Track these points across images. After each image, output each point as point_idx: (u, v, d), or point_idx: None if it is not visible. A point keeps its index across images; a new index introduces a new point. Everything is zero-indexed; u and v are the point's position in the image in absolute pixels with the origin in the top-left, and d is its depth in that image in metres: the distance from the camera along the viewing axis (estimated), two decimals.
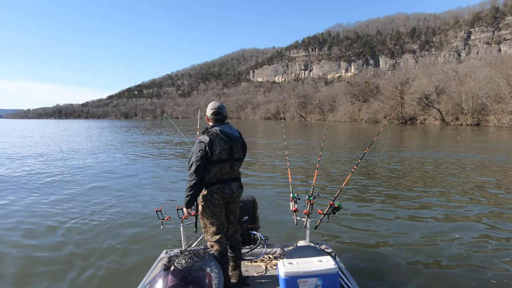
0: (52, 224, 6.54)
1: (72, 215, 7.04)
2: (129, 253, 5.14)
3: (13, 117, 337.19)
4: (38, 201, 8.27)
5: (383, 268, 4.58)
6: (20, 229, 6.35)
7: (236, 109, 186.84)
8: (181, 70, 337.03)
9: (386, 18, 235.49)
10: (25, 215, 7.15)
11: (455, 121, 63.29)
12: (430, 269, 4.59)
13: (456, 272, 4.51)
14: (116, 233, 5.98)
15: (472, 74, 67.11)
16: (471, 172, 12.40)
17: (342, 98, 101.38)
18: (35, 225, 6.50)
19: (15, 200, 8.38)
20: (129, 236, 5.82)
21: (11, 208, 7.71)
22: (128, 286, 4.05)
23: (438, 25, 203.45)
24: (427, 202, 8.04)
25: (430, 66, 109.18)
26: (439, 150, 20.10)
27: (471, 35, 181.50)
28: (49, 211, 7.43)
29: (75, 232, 6.08)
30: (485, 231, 6.06)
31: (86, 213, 7.21)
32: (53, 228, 6.36)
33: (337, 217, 5.76)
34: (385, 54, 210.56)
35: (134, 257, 4.98)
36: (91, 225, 6.44)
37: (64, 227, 6.32)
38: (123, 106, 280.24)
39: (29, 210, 7.55)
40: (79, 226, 6.37)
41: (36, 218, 6.96)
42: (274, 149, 20.11)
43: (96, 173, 12.22)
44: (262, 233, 4.12)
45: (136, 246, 5.38)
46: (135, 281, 3.68)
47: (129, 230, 6.14)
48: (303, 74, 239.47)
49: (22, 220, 6.88)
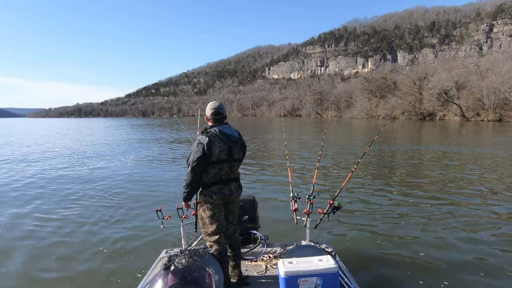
0: (51, 223, 6.56)
1: (71, 215, 7.04)
2: (129, 252, 5.14)
3: (35, 116, 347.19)
4: (35, 200, 8.31)
5: (383, 268, 4.56)
6: (15, 225, 6.44)
7: (252, 106, 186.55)
8: (197, 68, 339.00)
9: (405, 12, 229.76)
10: (22, 214, 7.20)
11: (476, 117, 61.54)
12: (430, 269, 4.54)
13: (457, 272, 4.45)
14: (116, 232, 5.98)
15: (494, 68, 64.89)
16: (475, 169, 12.23)
17: (358, 94, 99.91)
18: (32, 224, 6.50)
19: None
20: (129, 236, 5.81)
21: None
22: (128, 285, 4.06)
23: (458, 18, 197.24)
24: (428, 201, 7.91)
25: (450, 60, 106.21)
26: (445, 145, 19.72)
27: (493, 27, 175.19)
28: (48, 210, 7.46)
29: (75, 232, 6.05)
30: (492, 230, 5.96)
31: (86, 212, 7.20)
32: (53, 226, 6.36)
33: (337, 217, 5.74)
34: (403, 49, 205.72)
35: (134, 256, 4.99)
36: (91, 224, 6.42)
37: (64, 227, 6.32)
38: (141, 104, 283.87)
39: (26, 208, 7.60)
40: (79, 226, 6.34)
41: (34, 216, 7.02)
42: (274, 149, 19.98)
43: (96, 172, 12.20)
44: (262, 233, 4.13)
45: (136, 246, 5.37)
46: (135, 280, 3.69)
47: (129, 229, 6.13)
48: (319, 70, 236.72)
49: (19, 216, 6.99)
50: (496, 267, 4.58)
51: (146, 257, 4.71)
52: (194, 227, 4.04)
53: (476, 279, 4.27)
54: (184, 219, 3.90)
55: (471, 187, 9.45)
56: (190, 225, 4.06)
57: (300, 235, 4.81)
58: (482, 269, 4.51)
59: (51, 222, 6.69)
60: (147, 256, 4.76)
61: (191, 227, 4.09)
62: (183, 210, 3.92)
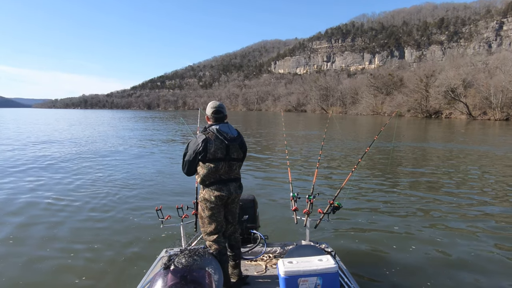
0: (51, 221, 6.51)
1: (71, 214, 6.96)
2: (129, 252, 5.12)
3: (42, 106, 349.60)
4: (33, 198, 8.25)
5: (383, 268, 4.55)
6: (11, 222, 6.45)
7: (257, 100, 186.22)
8: (203, 61, 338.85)
9: (413, 8, 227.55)
10: (17, 212, 7.16)
11: (482, 116, 60.89)
12: (430, 269, 4.53)
13: (458, 272, 4.44)
14: (115, 232, 5.95)
15: (503, 66, 64.04)
16: (476, 169, 12.20)
17: (364, 90, 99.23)
18: (27, 223, 6.45)
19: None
20: (129, 235, 5.78)
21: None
22: (128, 285, 4.07)
23: (468, 15, 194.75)
24: (429, 201, 7.89)
25: (458, 58, 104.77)
26: (448, 143, 19.61)
27: (503, 25, 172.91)
28: (47, 208, 7.40)
29: (74, 232, 5.99)
30: (491, 230, 5.95)
31: (85, 212, 7.13)
32: (52, 224, 6.32)
33: (337, 217, 5.73)
34: (411, 45, 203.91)
35: (134, 256, 4.97)
36: (90, 224, 6.38)
37: (63, 227, 6.25)
38: (146, 97, 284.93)
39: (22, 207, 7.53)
40: (78, 226, 6.29)
41: (31, 213, 6.99)
42: (275, 147, 19.90)
43: (95, 169, 12.10)
44: (262, 232, 4.13)
45: (136, 245, 5.35)
46: (135, 280, 3.67)
47: (128, 229, 6.10)
48: (325, 66, 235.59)
49: (14, 213, 6.98)
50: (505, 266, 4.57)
51: (146, 257, 4.69)
52: (194, 227, 4.04)
53: (478, 279, 4.26)
54: (184, 218, 3.90)
55: (471, 187, 9.41)
56: (190, 225, 4.05)
57: (300, 235, 4.81)
58: (484, 269, 4.50)
59: (48, 220, 6.63)
60: (147, 256, 4.74)
61: (191, 227, 4.08)
62: (183, 210, 3.93)
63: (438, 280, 4.26)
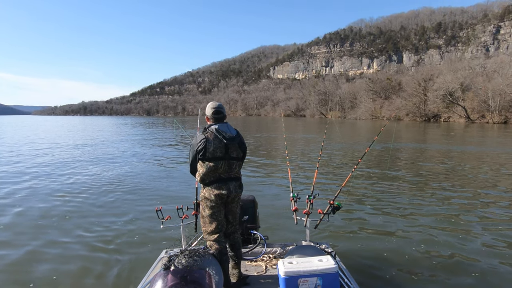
0: (51, 221, 6.55)
1: (70, 214, 6.99)
2: (129, 252, 5.12)
3: (41, 113, 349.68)
4: (31, 198, 8.30)
5: (383, 268, 4.54)
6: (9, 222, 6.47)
7: (256, 106, 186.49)
8: (202, 67, 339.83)
9: (411, 12, 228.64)
10: (17, 212, 7.21)
11: (481, 119, 61.10)
12: (430, 269, 4.52)
13: (459, 272, 4.44)
14: (116, 233, 5.95)
15: (501, 70, 64.45)
16: (476, 169, 12.23)
17: (363, 95, 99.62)
18: (26, 223, 6.48)
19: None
20: (129, 236, 5.79)
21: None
22: (128, 285, 4.07)
23: (465, 19, 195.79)
24: (430, 201, 7.89)
25: (456, 62, 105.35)
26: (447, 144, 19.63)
27: (500, 29, 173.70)
28: (47, 208, 7.43)
29: (74, 232, 6.00)
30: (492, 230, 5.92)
31: (84, 213, 7.14)
32: (52, 225, 6.35)
33: (337, 217, 5.73)
34: (409, 50, 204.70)
35: (134, 256, 4.97)
36: (90, 224, 6.39)
37: (62, 227, 6.26)
38: (146, 103, 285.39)
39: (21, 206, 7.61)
40: (78, 226, 6.30)
41: (30, 213, 7.02)
42: (275, 149, 19.95)
43: (94, 169, 12.18)
44: (262, 233, 4.13)
45: (136, 246, 5.35)
46: (135, 280, 3.67)
47: (128, 229, 6.10)
48: (324, 70, 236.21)
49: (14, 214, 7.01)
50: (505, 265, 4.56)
51: (146, 257, 4.68)
52: (194, 227, 4.04)
53: (479, 279, 4.25)
54: (184, 219, 3.90)
55: (472, 187, 9.43)
56: (190, 225, 4.05)
57: (300, 235, 4.79)
58: (484, 269, 4.48)
59: (49, 220, 6.66)
60: (147, 256, 4.74)
61: (191, 227, 4.08)
62: (183, 211, 3.93)
63: (438, 280, 4.25)
